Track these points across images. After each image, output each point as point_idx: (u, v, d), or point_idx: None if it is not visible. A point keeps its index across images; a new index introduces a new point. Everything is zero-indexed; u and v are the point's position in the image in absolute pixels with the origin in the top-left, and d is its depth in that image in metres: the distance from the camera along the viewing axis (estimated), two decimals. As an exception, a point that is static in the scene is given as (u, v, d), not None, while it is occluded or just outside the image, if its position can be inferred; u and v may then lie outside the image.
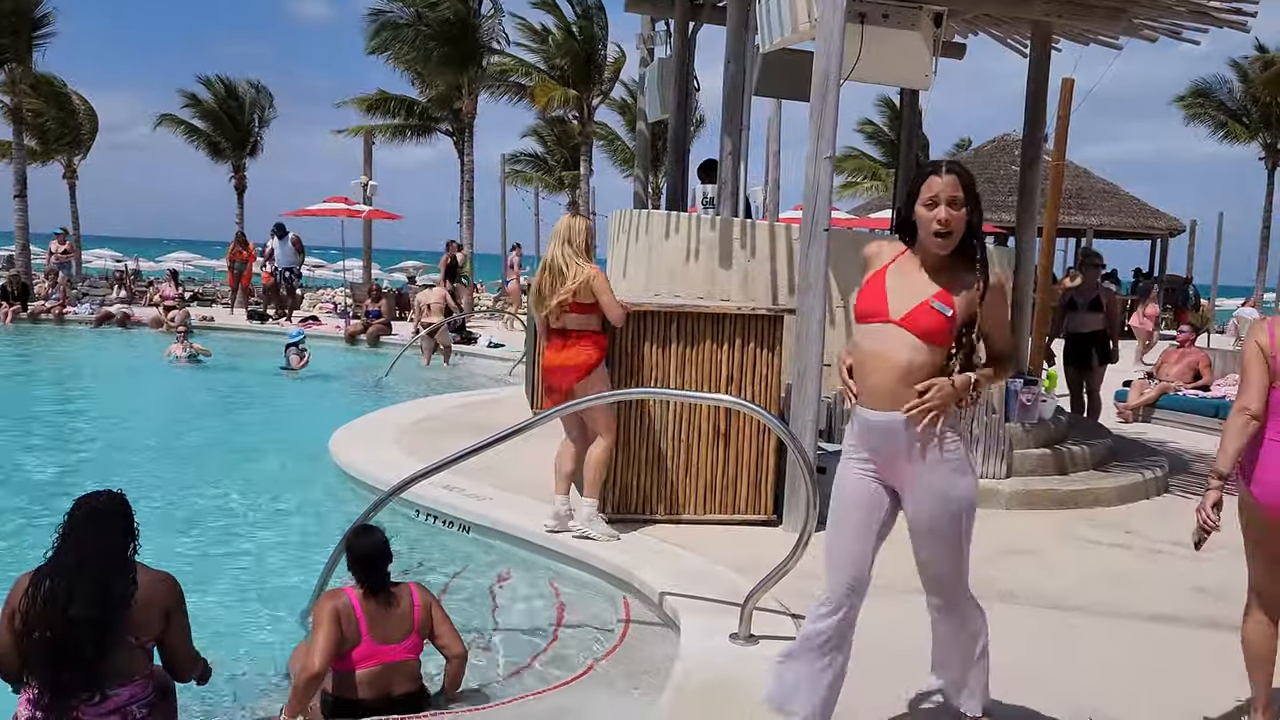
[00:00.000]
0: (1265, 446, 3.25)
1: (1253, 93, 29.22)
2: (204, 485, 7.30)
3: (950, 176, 2.90)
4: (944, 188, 2.88)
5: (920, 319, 2.91)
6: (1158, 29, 7.85)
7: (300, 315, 20.24)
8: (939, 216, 2.87)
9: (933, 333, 2.90)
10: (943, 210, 2.87)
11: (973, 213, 2.93)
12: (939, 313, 2.90)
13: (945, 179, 2.89)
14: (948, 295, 2.92)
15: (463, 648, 3.87)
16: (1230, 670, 4.07)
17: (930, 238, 2.91)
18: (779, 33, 6.28)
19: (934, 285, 2.94)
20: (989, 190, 22.69)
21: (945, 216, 2.87)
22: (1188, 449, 9.14)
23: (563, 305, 5.35)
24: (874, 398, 2.96)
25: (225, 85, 31.48)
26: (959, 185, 2.90)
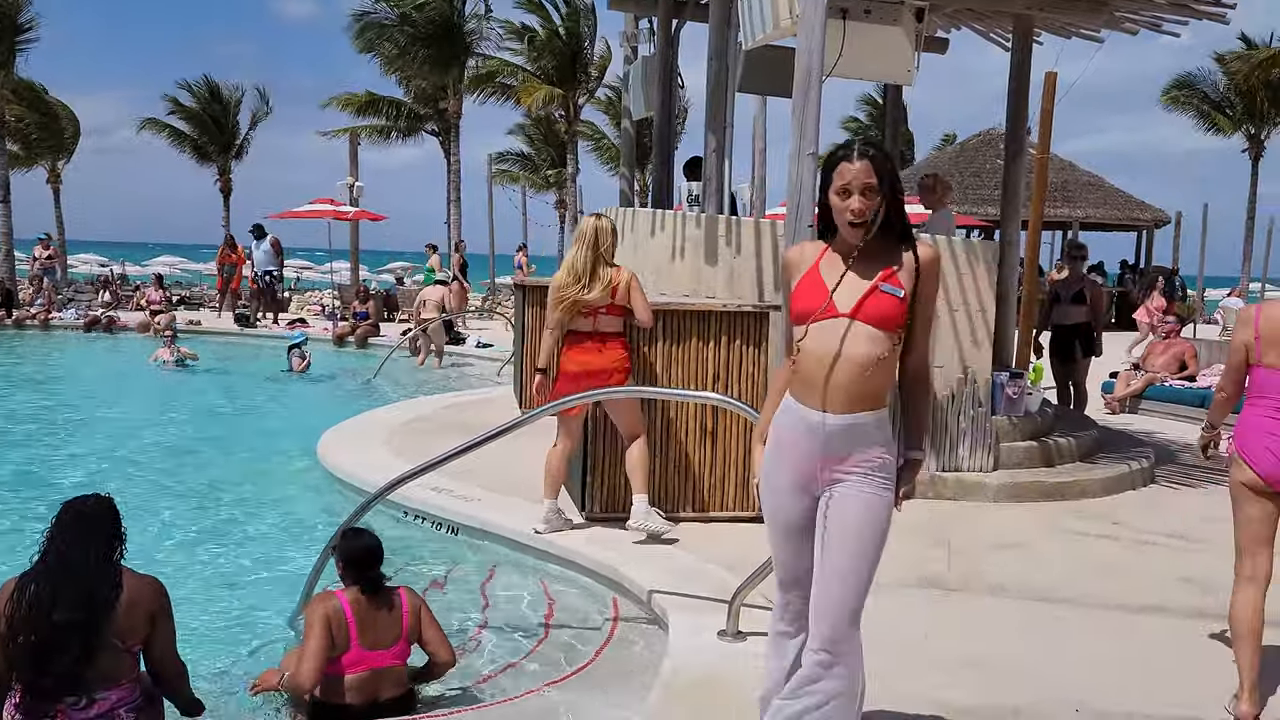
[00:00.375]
0: (1251, 419, 3.68)
1: (1235, 83, 29.37)
2: (191, 488, 7.27)
3: (863, 163, 2.66)
4: (857, 175, 2.65)
5: (871, 308, 2.70)
6: (1139, 22, 7.89)
7: (287, 318, 20.18)
8: (852, 207, 2.66)
9: (887, 318, 2.70)
10: (856, 200, 2.65)
11: (891, 198, 2.69)
12: (890, 295, 2.71)
13: (857, 165, 2.65)
14: (893, 276, 2.72)
15: (450, 655, 3.86)
16: (1217, 659, 4.10)
17: (846, 228, 2.71)
18: (761, 29, 6.29)
19: (873, 269, 2.73)
20: (974, 184, 22.76)
21: (859, 207, 2.65)
22: (1174, 440, 9.19)
23: (597, 308, 5.31)
24: (833, 399, 2.72)
25: (210, 88, 31.35)
26: (872, 172, 2.65)
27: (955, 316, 6.81)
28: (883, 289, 2.70)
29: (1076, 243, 12.84)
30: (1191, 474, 7.78)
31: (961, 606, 4.66)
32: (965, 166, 23.50)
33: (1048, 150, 9.38)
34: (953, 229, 7.92)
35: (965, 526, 5.99)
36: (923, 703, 3.56)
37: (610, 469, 5.72)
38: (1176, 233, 25.10)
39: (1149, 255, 24.60)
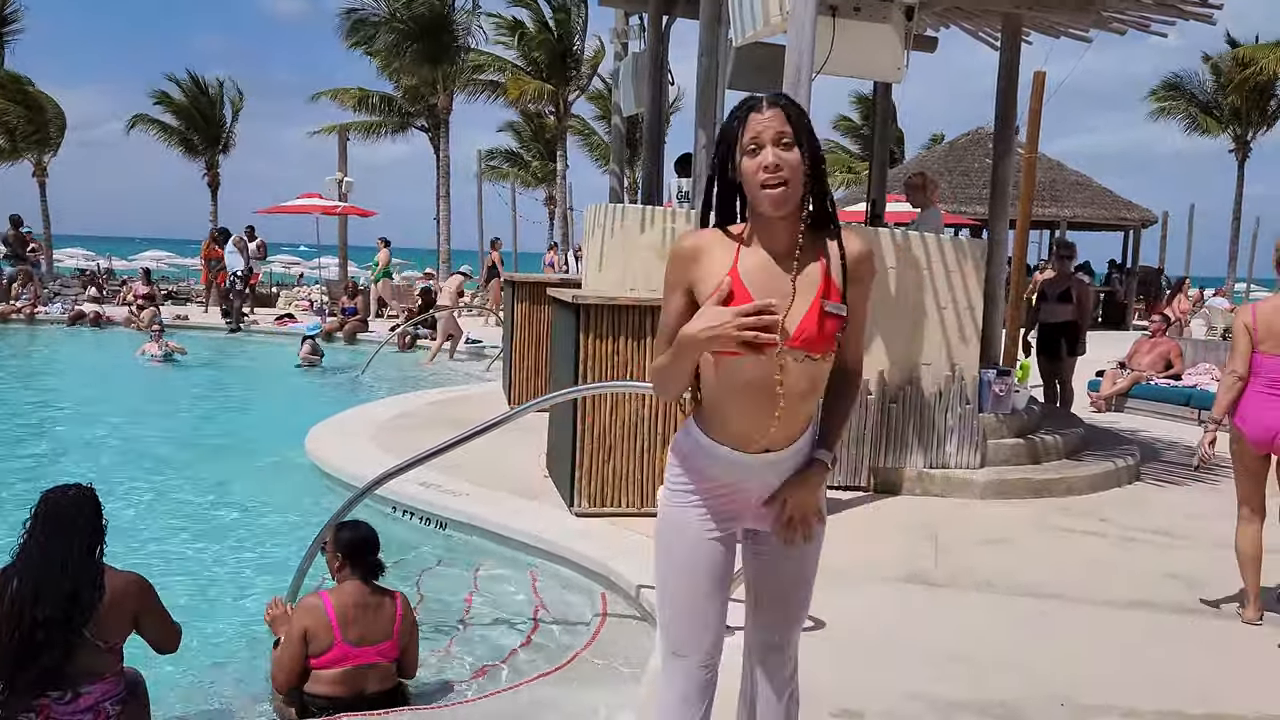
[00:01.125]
0: (1247, 395, 4.48)
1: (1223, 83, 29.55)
2: (178, 483, 7.25)
3: (773, 110, 2.10)
4: (768, 124, 2.09)
5: (815, 334, 2.12)
6: (1126, 22, 7.93)
7: (275, 313, 20.11)
8: (764, 162, 2.07)
9: (831, 341, 2.17)
10: (769, 153, 2.08)
11: (812, 165, 2.13)
12: (835, 315, 2.15)
13: (767, 113, 2.10)
14: (832, 286, 2.15)
15: (413, 673, 3.88)
16: (1201, 654, 4.14)
17: (759, 193, 2.09)
18: (751, 26, 6.29)
19: (811, 277, 2.15)
20: (963, 184, 22.83)
21: (773, 160, 2.07)
22: (1159, 438, 9.25)
23: None
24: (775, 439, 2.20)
25: (196, 81, 31.20)
26: (786, 119, 2.10)
27: (944, 314, 6.83)
28: (828, 309, 2.14)
29: (1064, 242, 12.90)
30: (1176, 471, 7.83)
31: (949, 602, 4.68)
32: (954, 166, 23.58)
33: (1036, 149, 9.44)
34: (941, 227, 7.95)
35: (952, 523, 6.01)
36: (910, 697, 3.58)
37: (599, 465, 5.72)
38: (1163, 233, 25.25)
39: (1136, 255, 24.72)
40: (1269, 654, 4.21)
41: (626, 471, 5.75)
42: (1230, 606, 4.70)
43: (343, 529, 3.89)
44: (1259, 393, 4.45)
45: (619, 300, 5.80)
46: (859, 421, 6.67)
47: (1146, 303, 23.66)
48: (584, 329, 5.66)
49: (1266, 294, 5.42)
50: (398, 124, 28.73)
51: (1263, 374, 4.44)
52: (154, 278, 22.42)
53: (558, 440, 6.38)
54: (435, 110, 26.60)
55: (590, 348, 5.67)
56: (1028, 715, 3.49)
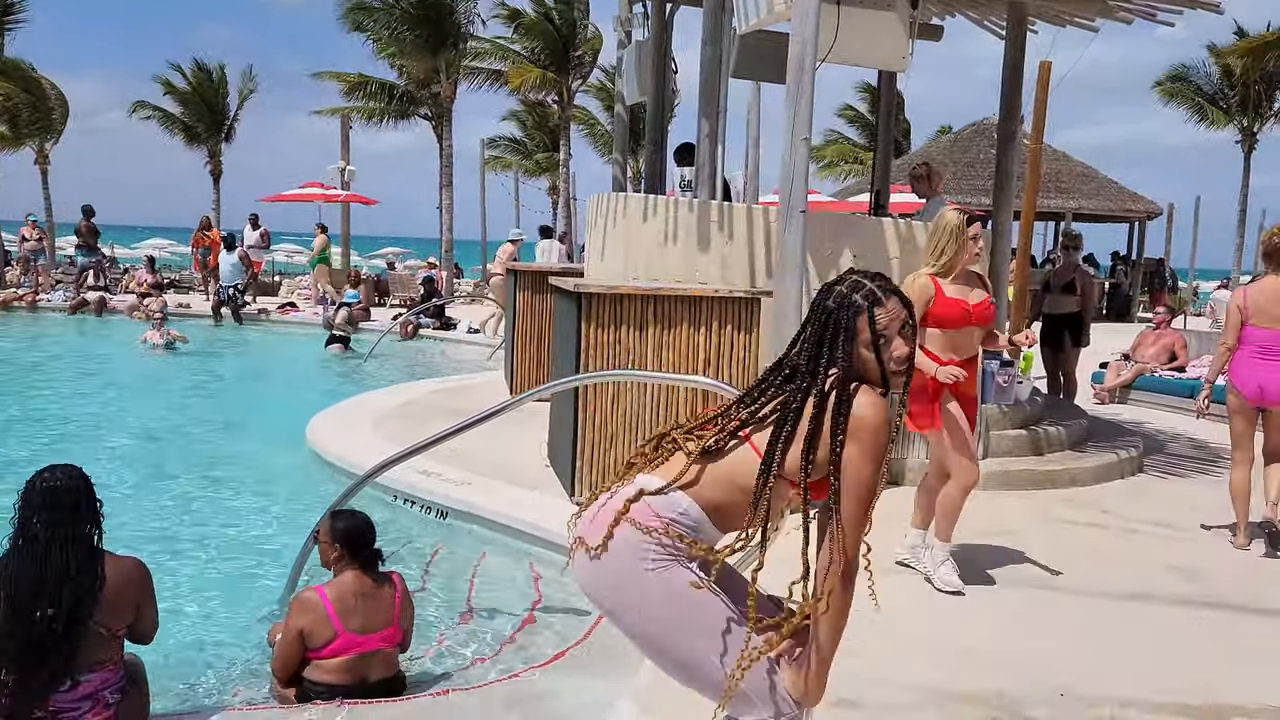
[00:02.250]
0: (1240, 359, 5.57)
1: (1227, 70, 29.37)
2: (180, 471, 7.25)
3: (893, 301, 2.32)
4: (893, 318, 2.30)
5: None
6: (1133, 10, 7.87)
7: (277, 301, 20.11)
8: (900, 353, 2.31)
9: None
10: (902, 346, 2.32)
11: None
12: None
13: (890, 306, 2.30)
14: None
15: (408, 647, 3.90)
16: (1202, 646, 4.13)
17: (894, 376, 2.33)
18: (755, 14, 6.26)
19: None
20: (968, 174, 22.76)
21: (907, 351, 2.33)
22: (1163, 429, 9.23)
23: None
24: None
25: (200, 68, 31.11)
26: (903, 304, 2.33)
27: (946, 304, 6.80)
28: None
29: (1071, 233, 12.82)
30: (1179, 463, 7.81)
31: (947, 593, 4.67)
32: (959, 156, 23.50)
33: (1041, 140, 9.37)
34: (945, 217, 7.91)
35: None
36: (909, 688, 3.57)
37: (600, 454, 5.71)
38: (1169, 225, 25.11)
39: (1141, 247, 24.64)
40: (1270, 645, 4.20)
41: (626, 460, 5.73)
42: (1235, 598, 4.69)
43: (338, 518, 3.88)
44: (1250, 356, 5.53)
45: (621, 289, 5.78)
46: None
47: (1151, 295, 23.59)
48: (586, 318, 5.64)
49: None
50: (400, 111, 28.64)
51: (1252, 342, 5.53)
52: (156, 266, 22.40)
53: (558, 429, 6.37)
54: (438, 98, 26.51)
55: (592, 336, 5.65)
56: (1027, 706, 3.48)
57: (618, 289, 5.77)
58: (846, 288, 2.29)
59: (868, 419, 2.21)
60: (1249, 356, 5.52)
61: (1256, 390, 5.51)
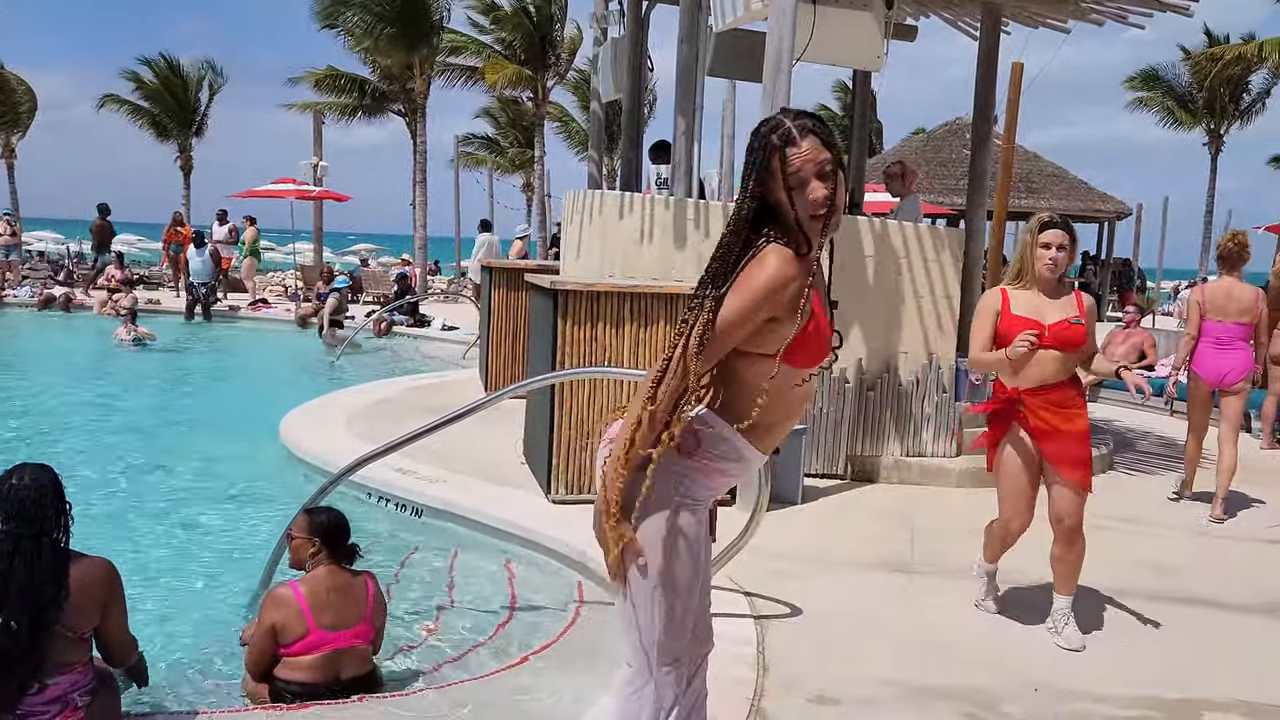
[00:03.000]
0: (1201, 349, 6.34)
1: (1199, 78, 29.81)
2: (151, 469, 7.16)
3: (809, 139, 2.18)
4: (808, 157, 2.17)
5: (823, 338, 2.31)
6: (1104, 12, 7.95)
7: (248, 298, 19.92)
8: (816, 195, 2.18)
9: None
10: (819, 187, 2.18)
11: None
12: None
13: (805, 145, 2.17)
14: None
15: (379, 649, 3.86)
16: (1171, 640, 4.18)
17: (809, 222, 2.20)
18: (732, 13, 6.27)
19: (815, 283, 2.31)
20: (940, 174, 22.92)
21: (823, 194, 2.18)
22: (1132, 427, 9.34)
23: None
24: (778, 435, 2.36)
25: (168, 63, 30.76)
26: (823, 145, 2.19)
27: (921, 303, 6.85)
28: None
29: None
30: (1148, 460, 7.91)
31: (925, 590, 4.70)
32: (931, 156, 23.65)
33: (1013, 140, 9.43)
34: (920, 216, 7.97)
35: (929, 511, 6.04)
36: (886, 683, 3.59)
37: (576, 451, 5.70)
38: (1137, 225, 25.42)
39: (1110, 247, 24.92)
40: (1241, 640, 4.26)
41: (604, 458, 5.73)
42: (1205, 592, 4.75)
43: (316, 514, 3.85)
44: (1209, 347, 6.32)
45: (597, 286, 5.77)
46: (836, 409, 6.68)
47: (1119, 294, 23.86)
48: (562, 315, 5.63)
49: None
50: (373, 108, 28.44)
51: (1210, 334, 6.30)
52: (126, 261, 22.11)
53: (534, 427, 6.35)
54: (412, 94, 26.36)
55: (568, 334, 5.64)
56: (1003, 701, 3.51)
57: (594, 286, 5.76)
58: (766, 128, 2.21)
59: (756, 269, 2.16)
60: (1208, 347, 6.32)
61: (1216, 376, 6.30)
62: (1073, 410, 4.05)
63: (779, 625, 4.05)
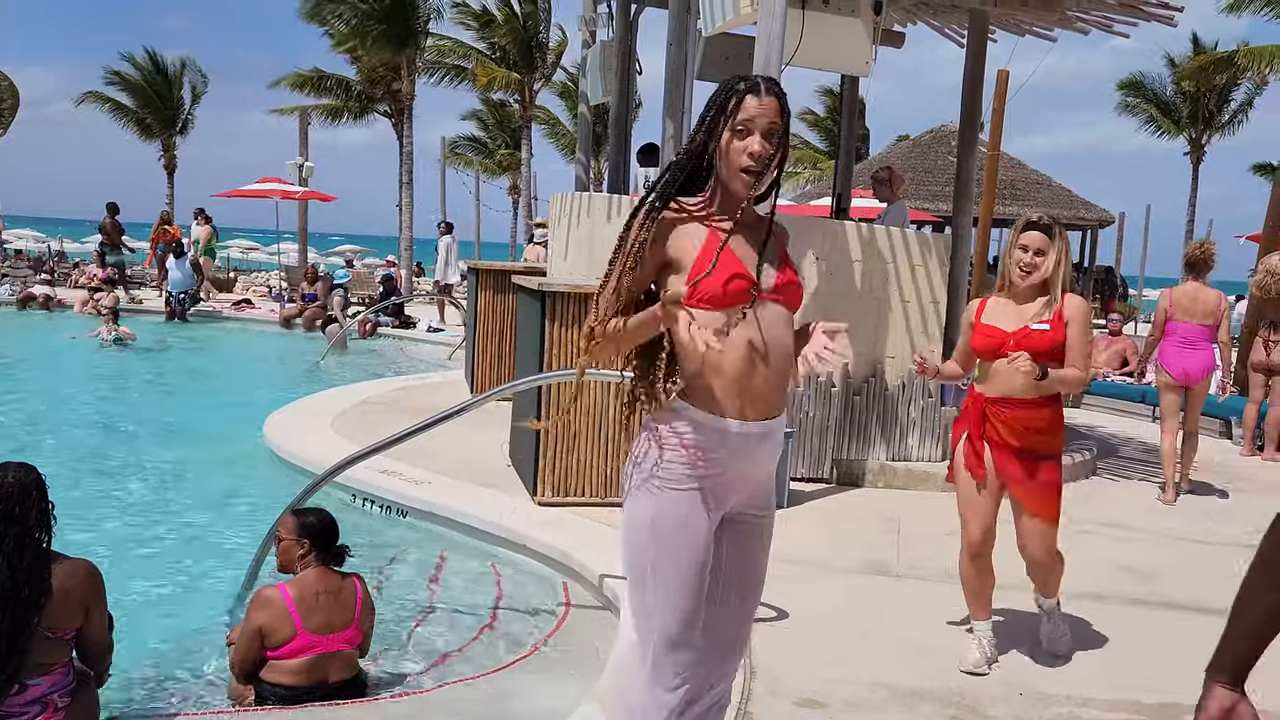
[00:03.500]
0: (1168, 347, 6.84)
1: (1182, 88, 30.08)
2: (134, 470, 7.11)
3: (771, 100, 2.21)
4: (763, 112, 2.20)
5: (793, 289, 2.32)
6: (1090, 21, 8.02)
7: (232, 298, 19.82)
8: (751, 149, 2.20)
9: (799, 304, 2.36)
10: (757, 141, 2.20)
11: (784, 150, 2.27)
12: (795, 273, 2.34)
13: (765, 100, 2.20)
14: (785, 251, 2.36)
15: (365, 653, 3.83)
16: (1154, 645, 4.21)
17: (737, 174, 2.23)
18: (721, 16, 6.28)
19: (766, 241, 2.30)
20: (926, 180, 23.02)
21: (759, 149, 2.20)
22: (1115, 433, 9.40)
23: None
24: (756, 402, 2.25)
25: (153, 60, 30.57)
26: (780, 112, 2.23)
27: (908, 308, 6.88)
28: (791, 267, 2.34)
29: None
30: (1131, 466, 7.96)
31: (910, 593, 4.72)
32: (917, 163, 23.75)
33: (998, 147, 9.50)
34: (907, 221, 8.00)
35: (914, 515, 6.05)
36: (872, 687, 3.60)
37: (562, 453, 5.69)
38: (1120, 233, 25.62)
39: (1093, 255, 25.11)
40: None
41: (590, 461, 5.73)
42: (1186, 598, 4.79)
43: (305, 515, 3.83)
44: (1175, 346, 6.80)
45: (585, 288, 5.76)
46: (822, 413, 6.70)
47: (1102, 302, 24.03)
48: (549, 317, 5.62)
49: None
50: (359, 109, 28.35)
51: (1176, 334, 6.79)
52: (108, 261, 21.94)
53: (520, 429, 6.34)
54: (398, 96, 26.29)
55: (556, 336, 5.63)
56: (987, 704, 3.53)
57: (582, 288, 5.76)
58: (736, 77, 2.27)
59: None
60: (1175, 346, 6.80)
61: (1182, 373, 6.79)
62: (1042, 432, 3.72)
63: (765, 629, 4.06)
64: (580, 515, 5.48)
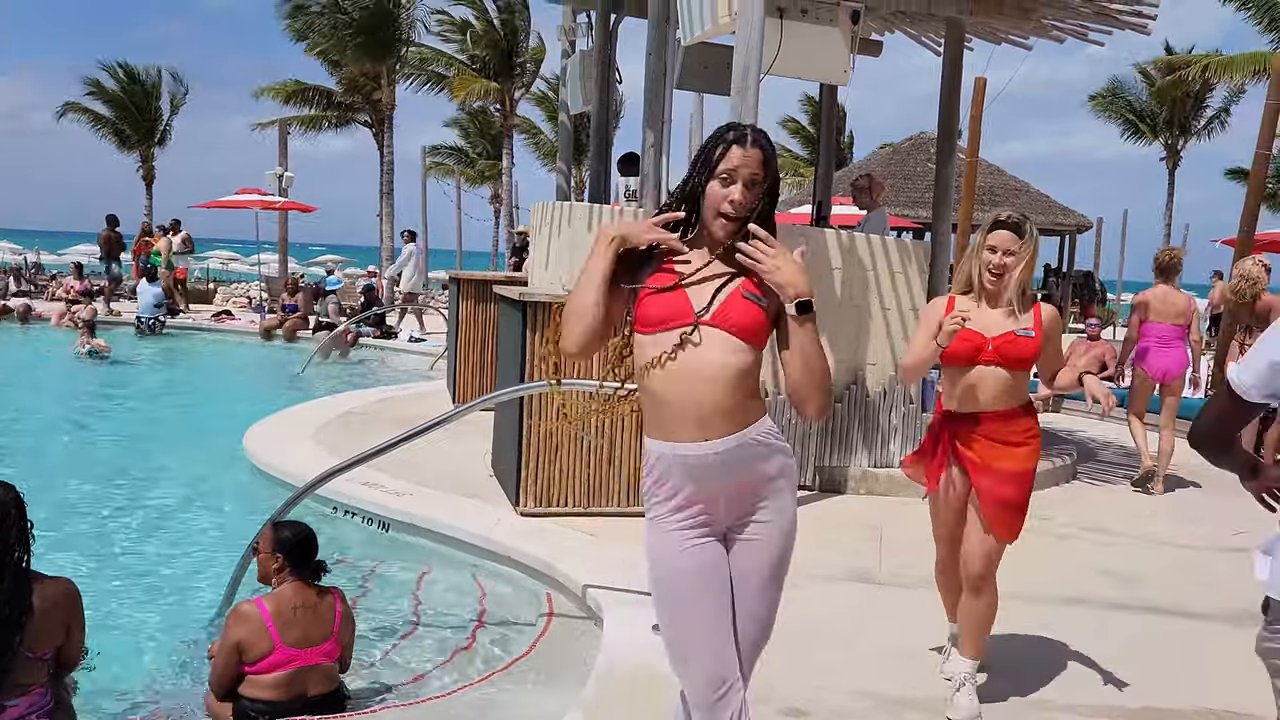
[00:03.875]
0: (1144, 347, 7.24)
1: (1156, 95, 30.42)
2: (114, 483, 7.04)
3: (755, 151, 2.30)
4: (745, 163, 2.29)
5: (733, 314, 2.29)
6: (1065, 29, 8.10)
7: (212, 309, 19.69)
8: (732, 197, 2.29)
9: (750, 330, 2.30)
10: (738, 190, 2.29)
11: (772, 193, 2.34)
12: (753, 303, 2.30)
13: (750, 152, 2.29)
14: (752, 283, 2.32)
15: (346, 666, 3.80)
16: (1135, 648, 4.23)
17: (716, 219, 2.32)
18: (700, 26, 6.30)
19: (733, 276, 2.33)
20: (905, 187, 23.16)
21: (739, 199, 2.29)
22: (1095, 438, 9.46)
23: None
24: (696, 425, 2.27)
25: (128, 72, 30.39)
26: (763, 163, 2.31)
27: (888, 315, 6.91)
28: (744, 295, 2.31)
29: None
30: (1111, 470, 8.01)
31: (893, 600, 4.73)
32: (896, 169, 23.88)
33: (977, 153, 9.59)
34: (887, 228, 8.05)
35: (896, 522, 6.07)
36: (857, 695, 3.60)
37: (545, 464, 5.68)
38: (1098, 239, 25.85)
39: (1072, 260, 25.30)
40: (1203, 648, 4.32)
41: (572, 471, 5.72)
42: (1167, 601, 4.82)
43: (281, 529, 3.79)
44: (1151, 346, 7.22)
45: (566, 298, 5.75)
46: (805, 421, 6.71)
47: (1081, 306, 24.21)
48: (531, 327, 5.62)
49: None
50: (339, 118, 28.28)
51: (1152, 335, 7.21)
52: (85, 273, 21.78)
53: (503, 439, 6.32)
54: (378, 105, 26.24)
55: (537, 346, 5.62)
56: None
57: (562, 298, 5.74)
58: (726, 125, 2.38)
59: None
60: (1150, 346, 7.24)
61: (1160, 371, 7.23)
62: (1016, 446, 3.47)
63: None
64: (563, 525, 5.47)
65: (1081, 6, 7.52)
